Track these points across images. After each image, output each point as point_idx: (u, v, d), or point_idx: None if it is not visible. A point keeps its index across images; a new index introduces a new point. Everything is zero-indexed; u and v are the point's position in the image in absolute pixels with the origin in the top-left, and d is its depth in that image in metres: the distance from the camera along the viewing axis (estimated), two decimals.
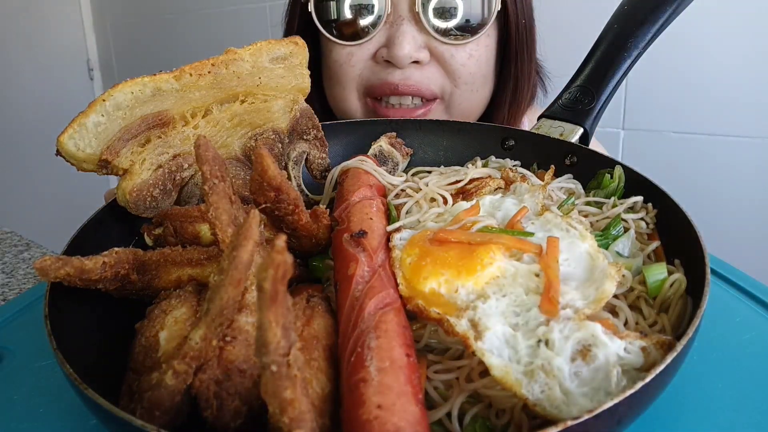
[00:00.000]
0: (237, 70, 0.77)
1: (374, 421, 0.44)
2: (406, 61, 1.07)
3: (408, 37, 1.06)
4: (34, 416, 0.64)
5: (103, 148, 0.69)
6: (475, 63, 1.13)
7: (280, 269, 0.36)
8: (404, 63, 1.07)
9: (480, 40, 1.12)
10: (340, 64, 1.15)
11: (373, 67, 1.14)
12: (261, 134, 0.83)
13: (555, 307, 0.54)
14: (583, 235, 0.64)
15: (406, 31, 1.06)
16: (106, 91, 0.69)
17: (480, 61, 1.13)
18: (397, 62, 1.08)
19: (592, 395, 0.49)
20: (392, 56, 1.07)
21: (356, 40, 1.12)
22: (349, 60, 1.14)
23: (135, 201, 0.72)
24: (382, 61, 1.11)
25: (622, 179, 0.78)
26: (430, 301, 0.58)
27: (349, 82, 1.17)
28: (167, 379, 0.47)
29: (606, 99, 0.91)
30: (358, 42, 1.12)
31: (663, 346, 0.51)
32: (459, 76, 1.12)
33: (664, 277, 0.62)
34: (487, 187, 0.78)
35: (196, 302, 0.58)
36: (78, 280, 0.59)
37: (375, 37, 1.11)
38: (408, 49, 1.06)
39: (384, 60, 1.10)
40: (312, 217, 0.69)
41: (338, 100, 1.22)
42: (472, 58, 1.12)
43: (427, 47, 1.10)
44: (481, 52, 1.13)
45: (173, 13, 3.21)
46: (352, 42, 1.12)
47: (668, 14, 0.94)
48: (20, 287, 1.36)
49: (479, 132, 0.94)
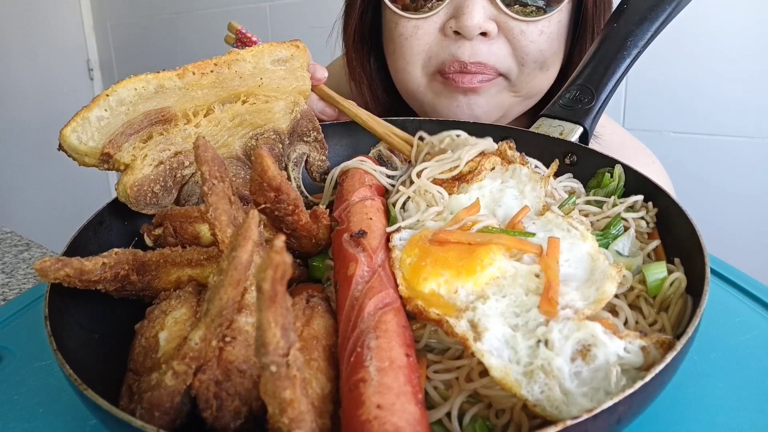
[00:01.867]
0: (239, 70, 0.78)
1: (374, 421, 0.44)
2: (475, 31, 1.02)
3: (478, 6, 1.01)
4: (34, 416, 0.64)
5: (106, 142, 0.70)
6: (546, 40, 1.06)
7: (279, 269, 0.36)
8: (473, 33, 1.02)
9: (553, 16, 1.06)
10: (405, 37, 1.10)
11: (442, 41, 1.08)
12: (262, 134, 0.83)
13: (554, 308, 0.54)
14: (584, 236, 0.64)
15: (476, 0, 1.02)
16: (110, 87, 0.69)
17: (551, 38, 1.07)
18: (465, 32, 1.02)
19: (592, 395, 0.49)
20: (461, 26, 1.02)
21: (424, 13, 1.07)
22: (415, 33, 1.09)
23: (135, 196, 0.72)
24: (451, 33, 1.06)
25: (622, 178, 0.78)
26: (429, 302, 0.58)
27: (414, 56, 1.11)
28: (167, 380, 0.47)
29: (606, 98, 0.91)
30: (425, 15, 1.07)
31: (663, 345, 0.51)
32: (527, 53, 1.06)
33: (664, 276, 0.62)
34: (483, 171, 0.77)
35: (195, 303, 0.58)
36: (78, 281, 0.59)
37: (443, 10, 1.06)
38: (478, 18, 1.01)
39: (453, 32, 1.05)
40: (312, 217, 0.70)
41: (402, 74, 1.17)
42: (543, 35, 1.06)
43: (496, 21, 1.04)
44: (553, 29, 1.07)
45: (173, 13, 3.21)
46: (419, 15, 1.08)
47: (668, 13, 0.94)
48: (20, 287, 1.37)
49: (479, 131, 0.94)
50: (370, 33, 1.25)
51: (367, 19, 1.23)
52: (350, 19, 1.24)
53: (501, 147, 0.81)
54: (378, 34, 1.23)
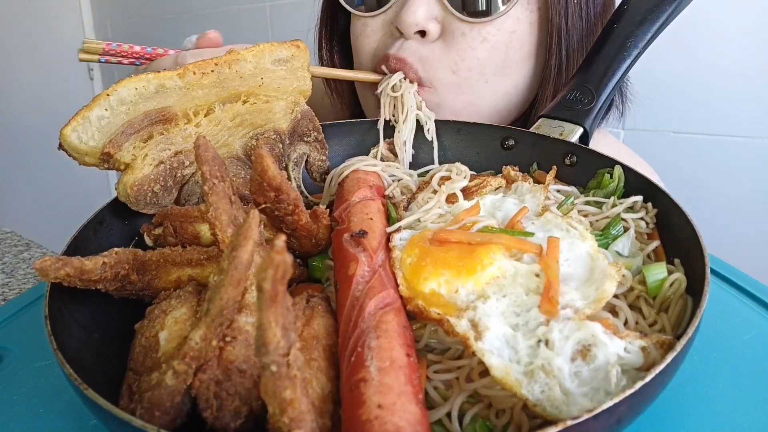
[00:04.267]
0: (240, 70, 0.78)
1: (374, 421, 0.44)
2: (411, 28, 0.94)
3: (421, 1, 0.93)
4: (34, 416, 0.64)
5: (106, 142, 0.70)
6: (488, 49, 0.97)
7: (279, 269, 0.36)
8: (409, 30, 0.95)
9: (504, 23, 0.96)
10: (356, 36, 1.06)
11: (386, 38, 1.02)
12: (262, 134, 0.84)
13: (554, 307, 0.54)
14: (583, 236, 0.64)
15: None
16: (110, 86, 0.70)
17: (495, 48, 0.97)
18: (402, 28, 0.95)
19: (592, 395, 0.49)
20: (398, 20, 0.95)
21: (374, 11, 1.02)
22: (364, 31, 1.04)
23: (136, 196, 0.72)
24: (395, 31, 0.99)
25: (622, 179, 0.78)
26: (430, 302, 0.58)
27: (363, 56, 1.06)
28: (167, 380, 0.47)
29: (606, 99, 0.91)
30: (374, 13, 1.02)
31: (663, 345, 0.51)
32: (462, 59, 0.97)
33: (664, 276, 0.62)
34: (488, 187, 0.78)
35: (196, 302, 0.58)
36: (78, 281, 0.59)
37: (392, 7, 1.00)
38: (419, 14, 0.93)
39: (396, 29, 0.98)
40: (312, 217, 0.70)
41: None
42: (485, 42, 0.96)
43: (442, 23, 0.97)
44: (500, 38, 0.97)
45: (173, 13, 3.21)
46: (368, 13, 1.03)
47: (668, 14, 0.94)
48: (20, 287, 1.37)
49: (479, 131, 0.94)
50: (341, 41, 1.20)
51: (339, 26, 1.19)
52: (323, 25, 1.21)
53: (506, 172, 0.82)
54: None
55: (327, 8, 1.19)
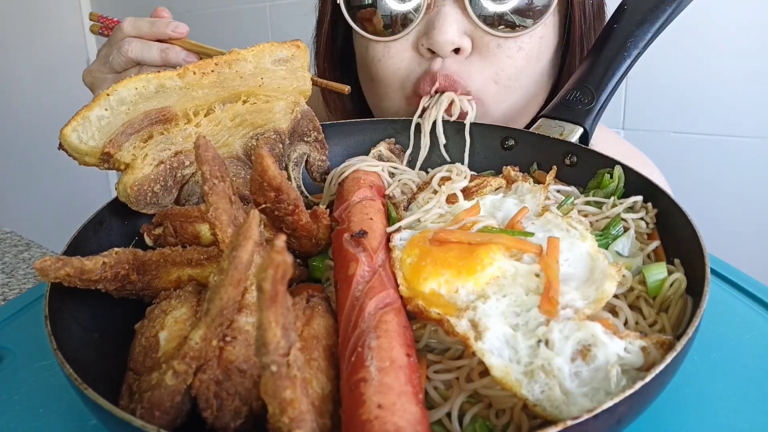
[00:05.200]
0: (240, 70, 0.78)
1: (374, 421, 0.44)
2: (447, 47, 0.95)
3: (450, 20, 0.94)
4: (34, 416, 0.64)
5: (106, 142, 0.70)
6: (525, 57, 0.99)
7: (279, 269, 0.36)
8: (446, 50, 0.95)
9: (534, 32, 0.99)
10: (378, 59, 1.05)
11: (416, 60, 1.02)
12: (262, 134, 0.84)
13: (554, 307, 0.54)
14: (583, 236, 0.64)
15: (448, 13, 0.95)
16: (110, 86, 0.69)
17: (530, 54, 1.00)
18: (437, 49, 0.95)
19: (592, 395, 0.49)
20: (432, 42, 0.95)
21: (395, 34, 1.01)
22: (387, 53, 1.03)
23: (136, 196, 0.72)
24: (426, 51, 0.99)
25: (622, 179, 0.78)
26: (430, 302, 0.58)
27: (389, 78, 1.05)
28: (167, 380, 0.47)
29: (606, 98, 0.91)
30: (396, 36, 1.01)
31: (663, 345, 0.51)
32: (503, 69, 0.99)
33: (664, 276, 0.62)
34: (488, 187, 0.78)
35: (196, 302, 0.58)
36: (78, 281, 0.59)
37: (414, 29, 1.00)
38: (451, 33, 0.94)
39: (427, 49, 0.99)
40: (312, 217, 0.70)
41: (378, 98, 1.12)
42: (521, 51, 0.99)
43: (471, 37, 0.98)
44: (533, 45, 1.00)
45: (173, 13, 3.20)
46: (390, 37, 1.02)
47: (668, 14, 0.94)
48: (20, 287, 1.37)
49: (479, 131, 0.94)
50: (341, 59, 1.21)
51: (337, 44, 1.19)
52: (320, 44, 1.20)
53: (506, 172, 0.82)
54: (350, 59, 1.18)
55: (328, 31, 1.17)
